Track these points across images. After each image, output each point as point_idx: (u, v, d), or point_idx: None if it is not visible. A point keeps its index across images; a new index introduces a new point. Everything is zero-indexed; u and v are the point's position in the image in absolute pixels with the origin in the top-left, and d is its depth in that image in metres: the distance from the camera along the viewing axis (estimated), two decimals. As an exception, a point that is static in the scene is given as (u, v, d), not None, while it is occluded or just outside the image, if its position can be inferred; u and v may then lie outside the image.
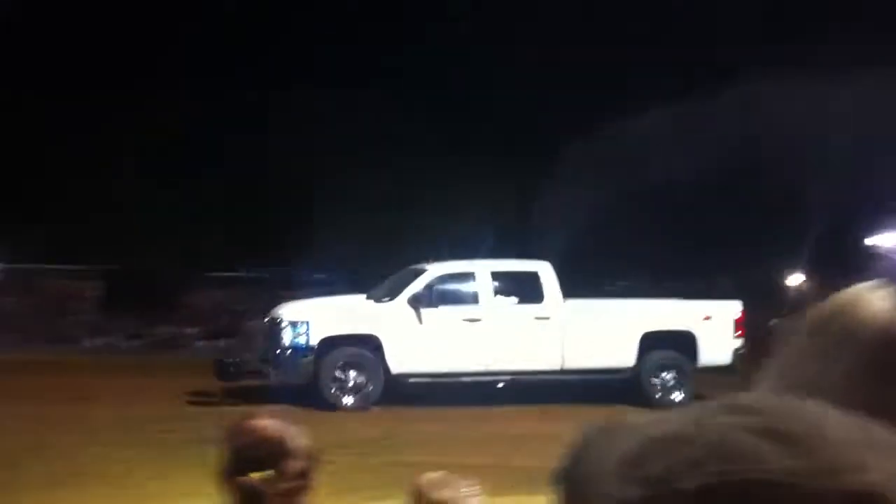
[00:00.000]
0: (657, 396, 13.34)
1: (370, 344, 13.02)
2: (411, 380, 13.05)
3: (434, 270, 13.60)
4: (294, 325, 13.18)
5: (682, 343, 13.69)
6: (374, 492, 7.31)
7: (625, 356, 13.45)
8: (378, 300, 13.42)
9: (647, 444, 0.51)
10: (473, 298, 13.46)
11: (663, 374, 13.58)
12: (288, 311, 13.59)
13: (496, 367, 13.18)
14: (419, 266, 13.92)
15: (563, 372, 13.35)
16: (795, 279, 25.47)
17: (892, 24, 22.02)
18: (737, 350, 13.72)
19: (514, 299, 13.63)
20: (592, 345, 13.36)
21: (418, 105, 25.02)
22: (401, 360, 12.99)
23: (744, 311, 13.97)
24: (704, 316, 13.90)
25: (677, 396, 13.22)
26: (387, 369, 12.99)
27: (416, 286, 13.30)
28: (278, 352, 13.12)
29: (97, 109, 24.48)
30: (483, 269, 13.71)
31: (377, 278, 14.53)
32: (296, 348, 13.05)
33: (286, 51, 26.27)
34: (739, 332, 13.84)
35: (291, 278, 21.16)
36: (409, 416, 11.91)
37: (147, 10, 25.79)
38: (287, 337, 13.12)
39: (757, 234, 25.47)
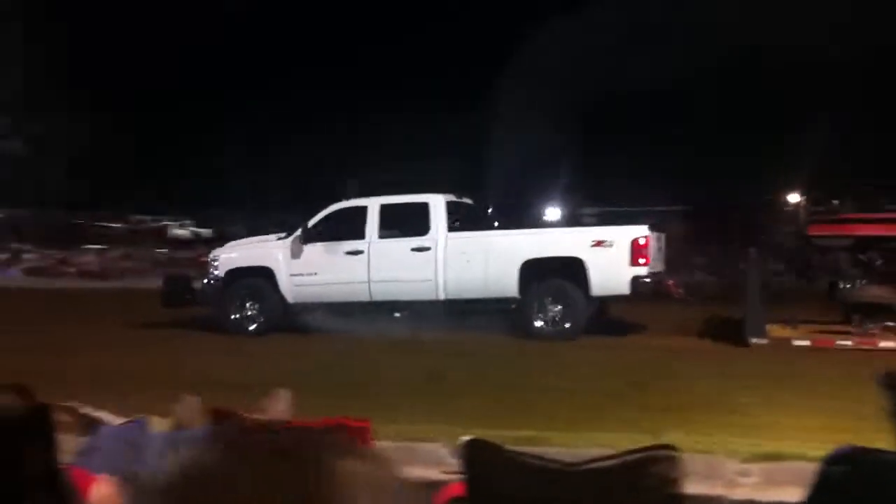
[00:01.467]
0: (537, 325, 13.20)
1: (266, 276, 14.20)
2: (305, 309, 14.14)
3: (330, 207, 14.40)
4: (213, 259, 14.89)
5: (570, 272, 13.20)
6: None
7: (506, 286, 13.37)
8: (284, 237, 14.52)
9: None
10: (361, 232, 14.03)
11: (550, 304, 13.26)
12: (215, 249, 15.61)
13: (379, 298, 13.77)
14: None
15: (448, 303, 13.57)
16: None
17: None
18: (638, 278, 12.97)
19: (398, 232, 14.09)
20: (472, 275, 13.53)
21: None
22: (292, 291, 14.09)
23: (647, 238, 13.06)
24: (595, 242, 13.26)
25: (562, 327, 13.14)
26: (283, 299, 14.14)
27: (310, 223, 14.32)
28: (203, 282, 14.83)
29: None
30: (374, 204, 14.21)
31: None
32: (211, 279, 14.63)
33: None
34: (644, 259, 12.98)
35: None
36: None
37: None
38: (208, 270, 14.86)
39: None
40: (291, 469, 0.55)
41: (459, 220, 14.36)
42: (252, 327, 14.11)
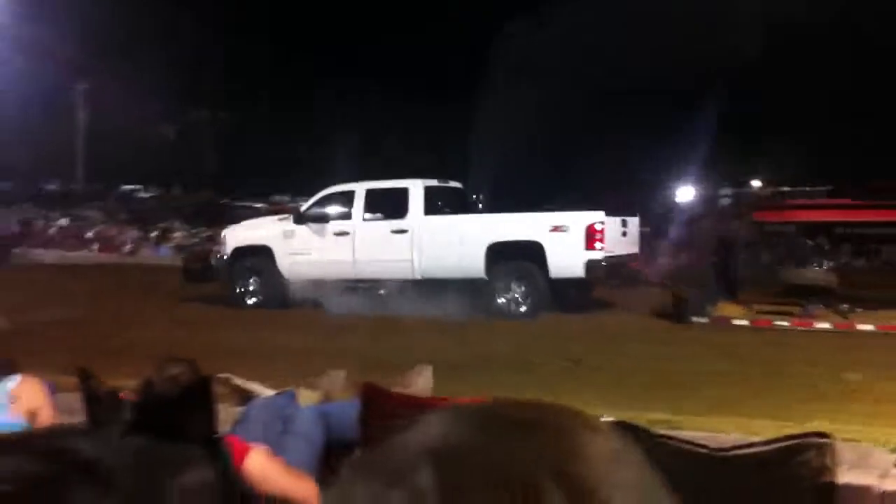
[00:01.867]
0: (499, 301, 13.87)
1: (266, 254, 15.16)
2: (299, 285, 14.79)
3: (323, 191, 15.44)
4: (222, 238, 16.15)
5: (530, 254, 13.79)
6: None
7: (474, 266, 14.03)
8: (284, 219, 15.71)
9: None
10: (348, 214, 14.92)
11: (514, 285, 13.92)
12: (226, 228, 16.89)
13: (362, 276, 14.61)
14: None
15: (423, 282, 14.28)
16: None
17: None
18: (591, 262, 13.52)
19: (381, 215, 14.98)
20: (443, 256, 14.24)
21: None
22: (288, 268, 14.99)
23: (603, 223, 13.65)
24: (552, 227, 13.82)
25: (523, 307, 13.78)
26: (281, 275, 15.06)
27: (304, 206, 15.53)
28: (216, 258, 16.00)
29: None
30: (361, 189, 15.12)
31: None
32: (219, 256, 15.82)
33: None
34: (600, 243, 13.56)
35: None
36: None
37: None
38: (219, 247, 16.15)
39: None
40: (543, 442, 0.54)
41: (444, 204, 15.20)
42: (251, 301, 15.12)
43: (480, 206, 17.46)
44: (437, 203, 14.98)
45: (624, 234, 14.47)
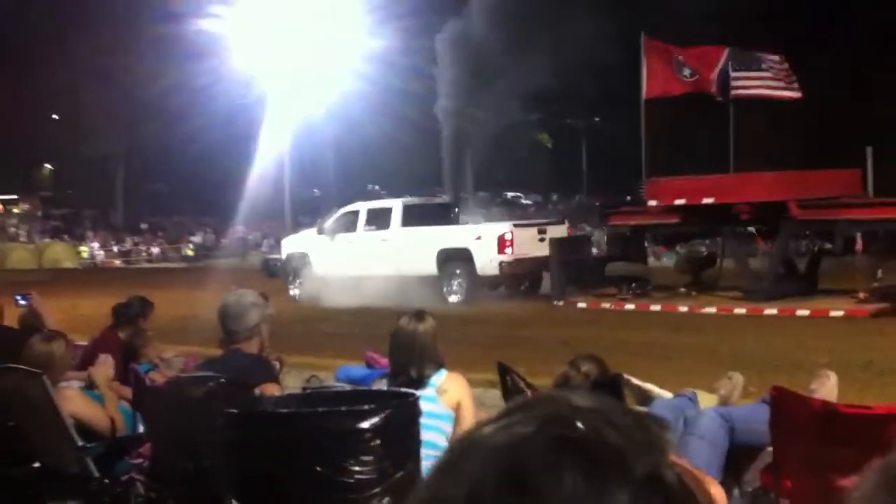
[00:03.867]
0: (444, 289, 17.31)
1: (305, 259, 19.38)
2: (326, 280, 18.23)
3: (340, 210, 20.01)
4: (282, 245, 21.59)
5: (464, 258, 17.36)
6: None
7: (430, 267, 17.57)
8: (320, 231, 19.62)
9: None
10: (354, 227, 18.93)
11: (454, 281, 17.47)
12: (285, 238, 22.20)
13: (366, 274, 17.48)
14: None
15: (403, 277, 17.03)
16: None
17: None
18: (502, 263, 16.99)
19: (374, 227, 18.65)
20: (412, 259, 17.56)
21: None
22: (319, 268, 18.87)
23: (513, 232, 17.23)
24: (476, 236, 17.46)
25: (457, 295, 17.28)
26: (316, 275, 18.83)
27: (327, 221, 19.62)
28: (279, 261, 21.42)
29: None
30: (363, 208, 19.42)
31: None
32: (280, 259, 21.17)
33: None
34: (510, 248, 16.97)
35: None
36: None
37: None
38: (279, 252, 21.81)
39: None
40: None
41: (425, 217, 18.55)
42: (296, 293, 19.22)
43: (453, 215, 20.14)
44: (416, 217, 18.51)
45: (542, 239, 17.26)
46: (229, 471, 3.23)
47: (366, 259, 17.89)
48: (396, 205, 18.79)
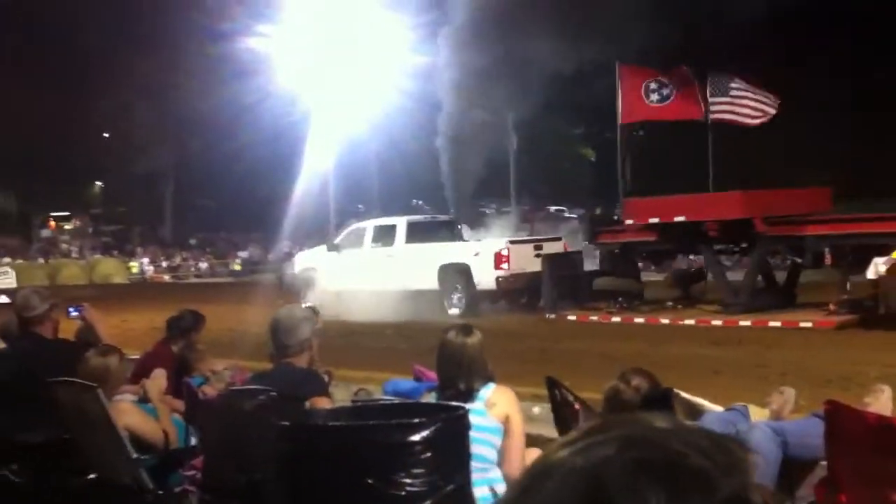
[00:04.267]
0: (444, 303, 18.08)
1: (316, 274, 19.69)
2: (333, 294, 18.30)
3: (347, 228, 21.26)
4: (294, 259, 22.82)
5: (463, 272, 18.07)
6: None
7: (432, 281, 18.23)
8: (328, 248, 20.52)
9: None
10: (361, 243, 19.71)
11: (454, 295, 18.19)
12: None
13: (372, 288, 17.99)
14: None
15: (407, 291, 17.83)
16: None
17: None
18: (498, 278, 17.68)
19: (381, 243, 19.43)
20: (416, 274, 18.18)
21: None
22: (327, 282, 18.97)
23: (509, 248, 17.92)
24: (475, 252, 18.14)
25: (456, 308, 17.97)
26: (323, 288, 18.83)
27: (335, 238, 20.86)
28: (292, 276, 21.37)
29: None
30: (370, 225, 20.30)
31: None
32: (292, 273, 21.46)
33: None
34: (506, 264, 17.67)
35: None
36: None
37: None
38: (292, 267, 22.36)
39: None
40: None
41: (428, 234, 19.41)
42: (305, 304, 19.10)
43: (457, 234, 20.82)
44: (420, 233, 19.32)
45: (538, 255, 17.79)
46: (281, 483, 3.27)
47: (372, 274, 18.49)
48: (401, 222, 19.79)
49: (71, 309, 6.15)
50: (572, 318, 16.47)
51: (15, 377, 5.57)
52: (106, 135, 49.38)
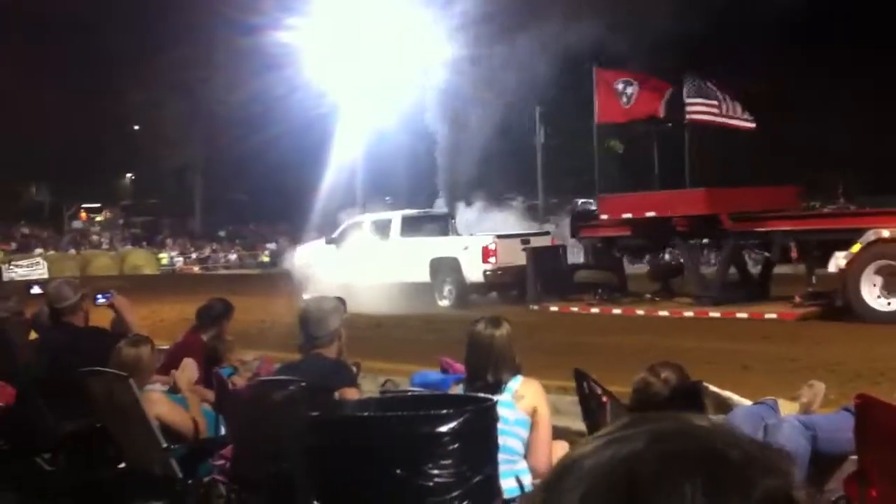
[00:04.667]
0: (436, 295, 18.82)
1: (314, 266, 19.95)
2: (331, 286, 18.07)
3: (346, 222, 21.43)
4: (296, 253, 22.82)
5: (453, 266, 18.69)
6: None
7: (423, 274, 18.92)
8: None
9: None
10: (358, 237, 20.17)
11: (444, 287, 18.90)
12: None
13: (368, 280, 17.90)
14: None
15: (401, 284, 18.42)
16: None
17: None
18: (486, 271, 18.29)
19: (378, 237, 19.98)
20: (410, 266, 18.82)
21: None
22: (325, 275, 18.41)
23: (496, 242, 18.44)
24: (464, 246, 18.76)
25: (446, 300, 18.72)
26: (320, 280, 18.60)
27: (334, 233, 21.16)
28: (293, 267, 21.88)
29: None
30: (367, 219, 20.97)
31: None
32: (293, 265, 21.91)
33: None
34: (493, 258, 18.27)
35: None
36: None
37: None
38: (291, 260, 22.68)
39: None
40: None
41: (423, 228, 20.16)
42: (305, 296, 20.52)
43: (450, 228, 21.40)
44: (414, 228, 19.97)
45: (525, 249, 18.22)
46: (310, 473, 3.29)
47: (368, 267, 18.83)
48: (396, 217, 20.49)
49: (99, 296, 6.17)
50: (554, 308, 17.03)
51: (48, 367, 5.65)
52: (136, 127, 49.79)
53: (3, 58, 39.40)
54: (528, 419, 4.13)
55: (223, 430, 5.07)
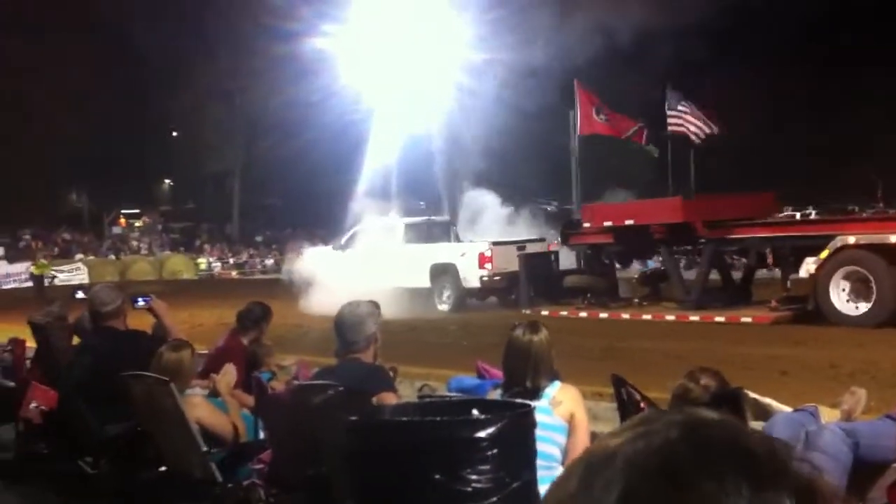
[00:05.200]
0: (438, 304, 19.37)
1: (318, 271, 20.24)
2: (336, 291, 18.01)
3: (353, 230, 21.79)
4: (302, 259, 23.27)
5: (451, 271, 19.39)
6: None
7: (424, 279, 19.60)
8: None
9: None
10: (363, 243, 20.78)
11: (444, 292, 19.53)
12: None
13: (372, 285, 17.26)
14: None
15: (404, 289, 18.78)
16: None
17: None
18: (482, 277, 19.02)
19: (379, 244, 20.36)
20: (412, 272, 19.45)
21: None
22: (332, 278, 18.88)
23: (492, 249, 19.10)
24: (461, 253, 19.47)
25: (445, 305, 19.36)
26: (323, 286, 19.14)
27: (340, 240, 22.16)
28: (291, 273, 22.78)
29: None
30: (371, 226, 21.25)
31: None
32: (293, 271, 22.45)
33: None
34: (489, 264, 18.95)
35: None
36: None
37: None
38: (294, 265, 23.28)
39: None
40: None
41: (426, 235, 20.93)
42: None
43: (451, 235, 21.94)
44: (416, 234, 20.75)
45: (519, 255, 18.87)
46: (348, 478, 3.31)
47: (372, 272, 19.20)
48: (399, 223, 21.23)
49: (138, 299, 6.22)
50: (545, 312, 17.29)
51: (90, 371, 5.73)
52: (175, 134, 50.32)
53: (46, 64, 40.05)
54: (565, 425, 4.12)
55: (262, 434, 5.11)
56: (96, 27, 42.51)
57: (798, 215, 33.59)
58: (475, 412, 3.23)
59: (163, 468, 5.10)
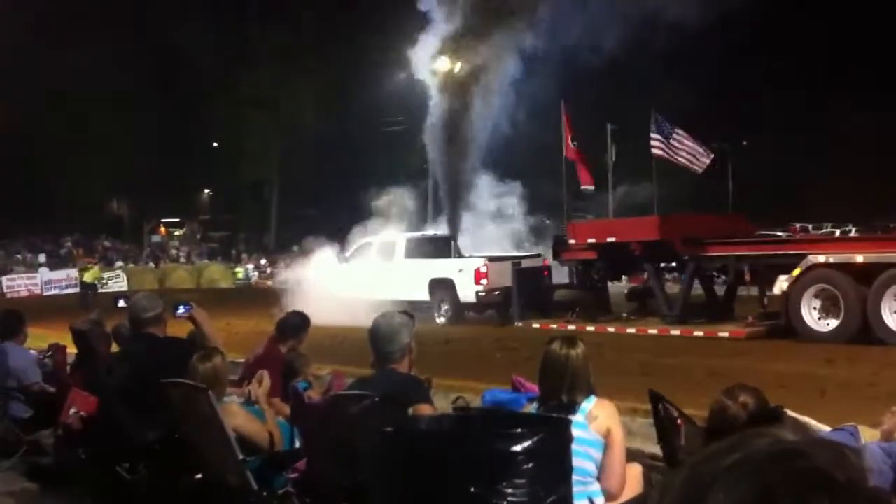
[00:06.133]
0: (435, 313, 19.87)
1: (321, 283, 20.50)
2: (339, 302, 18.79)
3: (356, 243, 22.66)
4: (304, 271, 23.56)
5: (448, 286, 20.08)
6: None
7: (424, 293, 20.26)
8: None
9: None
10: (366, 257, 21.72)
11: (442, 306, 20.14)
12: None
13: (372, 297, 17.87)
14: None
15: (404, 302, 18.22)
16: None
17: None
18: (478, 292, 19.67)
19: (382, 258, 21.40)
20: (411, 286, 20.19)
21: None
22: (337, 289, 19.80)
23: (487, 266, 19.80)
24: (459, 268, 20.14)
25: (443, 318, 19.90)
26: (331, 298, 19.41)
27: (347, 253, 22.64)
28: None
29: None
30: (375, 241, 22.20)
31: None
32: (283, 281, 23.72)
33: None
34: (484, 280, 19.62)
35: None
36: None
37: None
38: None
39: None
40: None
41: (426, 250, 21.53)
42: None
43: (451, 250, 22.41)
44: (417, 249, 21.36)
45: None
46: (384, 488, 3.31)
47: (374, 285, 19.94)
48: (400, 239, 21.96)
49: (180, 307, 6.24)
50: (536, 325, 18.04)
51: (129, 377, 5.79)
52: (215, 144, 50.84)
53: (93, 73, 40.66)
54: (601, 440, 4.10)
55: (298, 444, 5.13)
56: (141, 36, 43.14)
57: (838, 232, 33.29)
58: (514, 427, 3.23)
59: (199, 475, 5.14)
